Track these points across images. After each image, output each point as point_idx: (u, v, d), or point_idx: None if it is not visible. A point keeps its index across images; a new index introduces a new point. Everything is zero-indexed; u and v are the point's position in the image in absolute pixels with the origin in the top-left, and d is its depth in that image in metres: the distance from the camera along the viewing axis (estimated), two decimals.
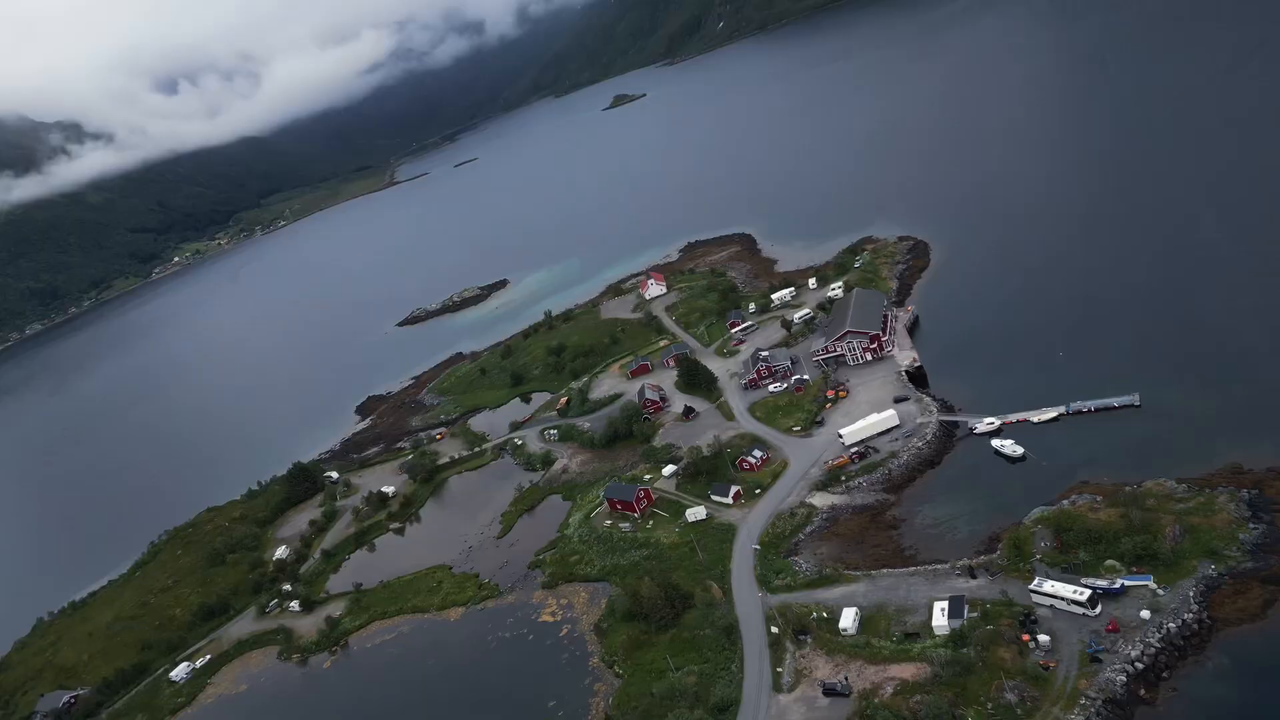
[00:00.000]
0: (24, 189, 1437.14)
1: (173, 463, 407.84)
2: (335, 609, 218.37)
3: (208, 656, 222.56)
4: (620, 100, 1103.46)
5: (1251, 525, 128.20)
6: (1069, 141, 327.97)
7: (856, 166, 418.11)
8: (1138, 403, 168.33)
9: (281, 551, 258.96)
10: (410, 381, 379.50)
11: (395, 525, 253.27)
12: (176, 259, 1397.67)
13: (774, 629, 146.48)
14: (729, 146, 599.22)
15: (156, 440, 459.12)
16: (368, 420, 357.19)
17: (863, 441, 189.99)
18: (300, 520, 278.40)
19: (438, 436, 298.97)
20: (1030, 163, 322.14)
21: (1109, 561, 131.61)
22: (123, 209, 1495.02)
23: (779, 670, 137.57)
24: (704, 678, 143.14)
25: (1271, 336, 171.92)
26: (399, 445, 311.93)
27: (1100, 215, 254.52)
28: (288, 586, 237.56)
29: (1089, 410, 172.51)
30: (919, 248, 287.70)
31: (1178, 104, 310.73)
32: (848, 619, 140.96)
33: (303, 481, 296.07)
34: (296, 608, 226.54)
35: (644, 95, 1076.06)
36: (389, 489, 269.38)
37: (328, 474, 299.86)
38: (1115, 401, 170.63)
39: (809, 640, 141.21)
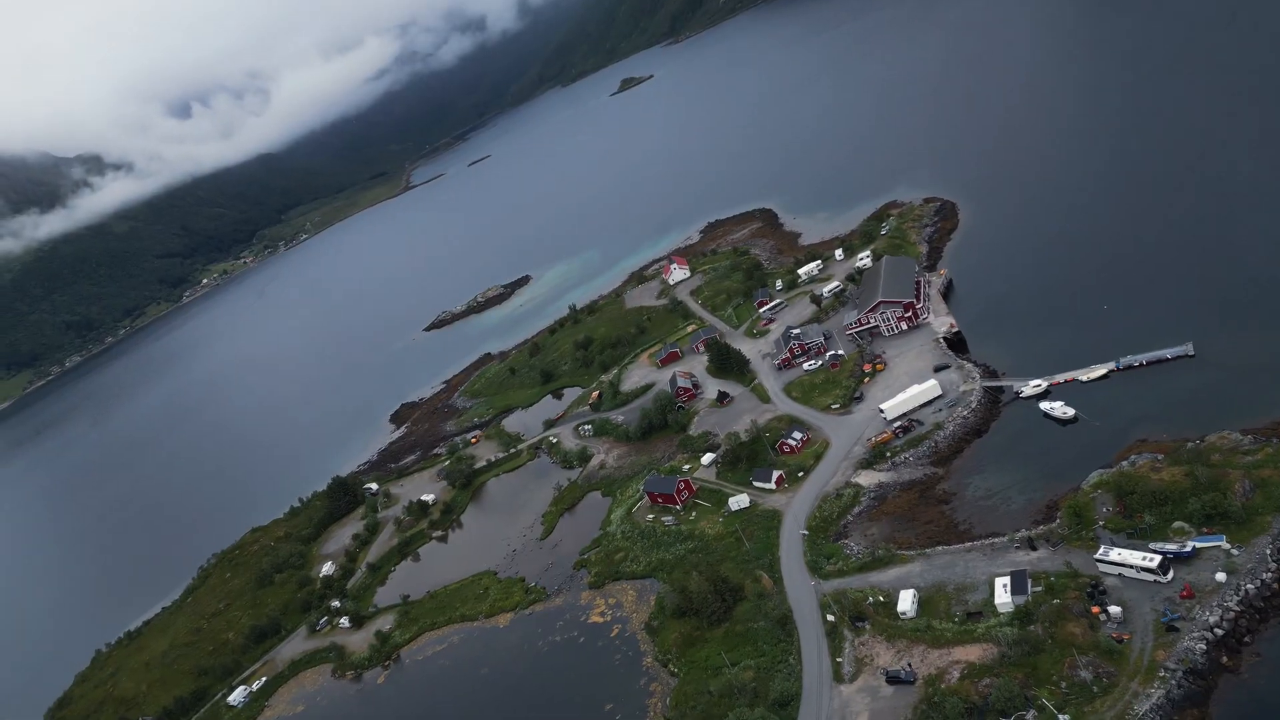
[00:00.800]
0: (51, 224, 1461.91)
1: (214, 485, 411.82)
2: (385, 623, 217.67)
3: (263, 679, 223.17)
4: (628, 84, 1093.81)
5: None
6: (1093, 88, 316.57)
7: (873, 130, 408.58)
8: (1191, 352, 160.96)
9: (328, 568, 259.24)
10: (441, 386, 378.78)
11: (438, 533, 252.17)
12: (205, 280, 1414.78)
13: (830, 617, 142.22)
14: (741, 121, 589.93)
15: (197, 463, 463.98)
16: (402, 428, 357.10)
17: (905, 415, 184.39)
18: (344, 535, 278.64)
19: (473, 440, 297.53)
20: (1054, 113, 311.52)
21: (1177, 523, 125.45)
22: (148, 236, 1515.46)
23: (839, 660, 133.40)
24: (761, 672, 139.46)
25: None
26: (435, 451, 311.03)
27: (1133, 160, 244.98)
28: (336, 603, 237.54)
29: (1140, 364, 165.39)
30: (946, 208, 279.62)
31: (1208, 46, 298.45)
32: (906, 602, 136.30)
33: (343, 495, 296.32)
34: (346, 624, 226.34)
35: (651, 76, 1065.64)
36: (429, 497, 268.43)
37: (367, 486, 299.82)
38: (1168, 353, 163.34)
39: (867, 627, 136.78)
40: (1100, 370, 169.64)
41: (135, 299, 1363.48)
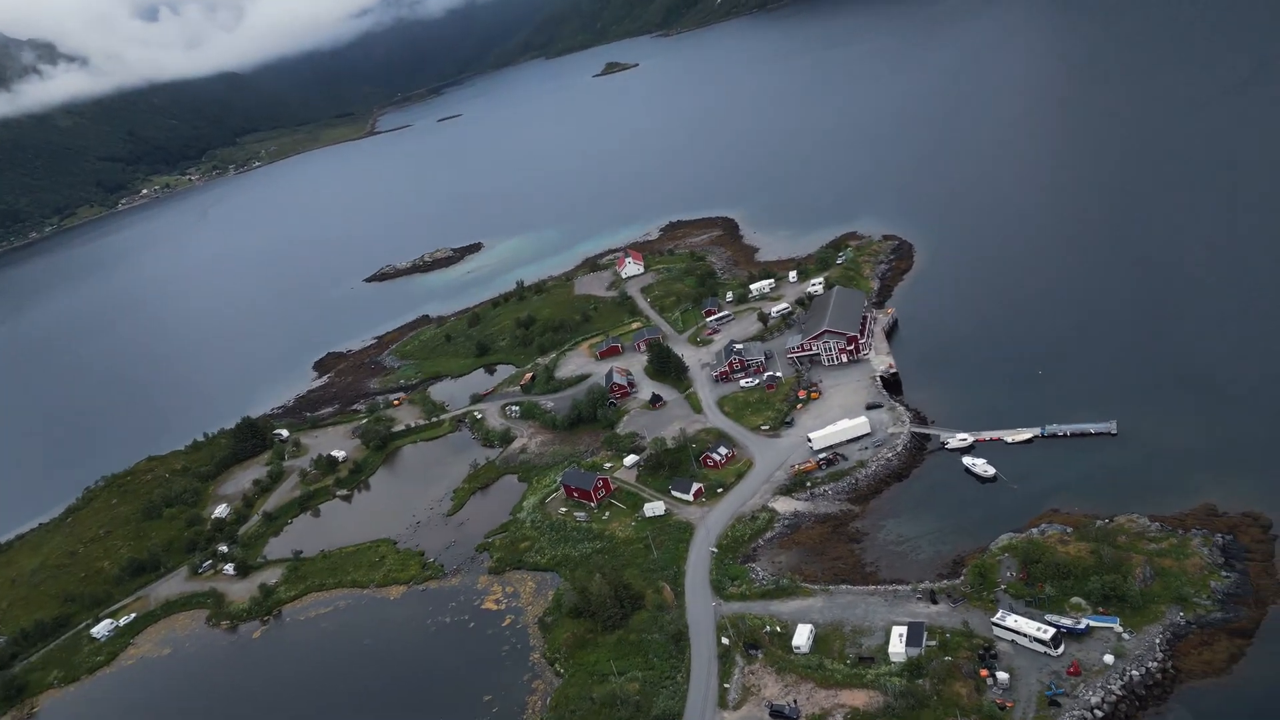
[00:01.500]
0: None
1: (117, 404, 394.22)
2: (271, 576, 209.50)
3: (133, 615, 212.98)
4: (612, 68, 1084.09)
5: (1224, 573, 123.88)
6: (1064, 152, 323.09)
7: (846, 158, 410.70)
8: (1114, 431, 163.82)
9: (221, 510, 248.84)
10: (372, 341, 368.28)
11: (342, 492, 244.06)
12: (145, 191, 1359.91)
13: (725, 640, 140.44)
14: (718, 126, 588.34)
15: (103, 378, 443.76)
16: (325, 378, 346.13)
17: (831, 447, 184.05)
18: (244, 478, 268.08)
19: (395, 402, 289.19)
20: (1023, 171, 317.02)
21: (1075, 599, 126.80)
22: (92, 135, 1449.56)
23: (726, 686, 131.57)
24: (647, 686, 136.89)
25: (1256, 373, 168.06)
26: (354, 407, 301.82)
27: (1090, 231, 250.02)
28: (224, 548, 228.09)
29: (1064, 434, 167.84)
30: (903, 248, 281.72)
31: (1175, 122, 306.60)
32: (802, 636, 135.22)
33: (250, 437, 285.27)
34: (231, 571, 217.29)
35: (636, 65, 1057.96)
36: (339, 453, 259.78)
37: (277, 432, 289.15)
38: (1092, 427, 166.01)
39: (759, 655, 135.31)
40: (1026, 434, 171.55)
41: (68, 198, 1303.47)
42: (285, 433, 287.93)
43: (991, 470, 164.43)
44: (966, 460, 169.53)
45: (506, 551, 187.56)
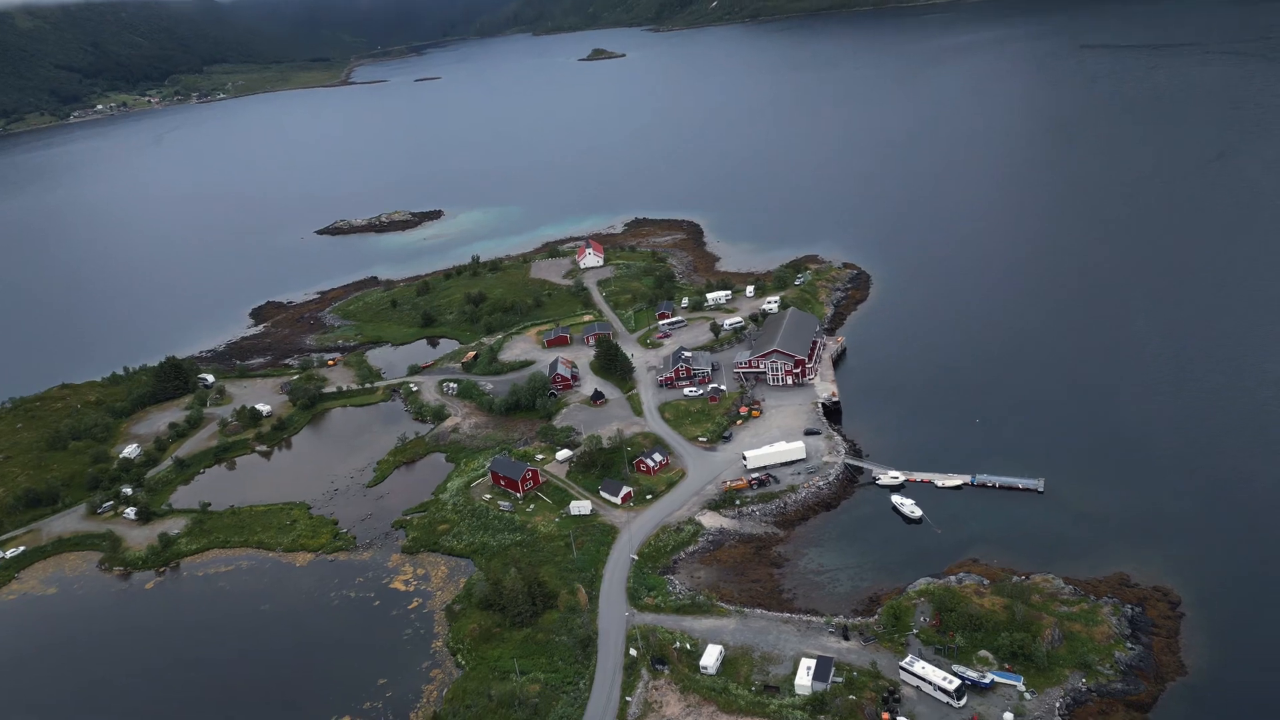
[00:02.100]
0: None
1: (37, 322, 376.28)
2: (174, 526, 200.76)
3: (21, 548, 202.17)
4: (599, 54, 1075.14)
5: (1129, 645, 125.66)
6: (1029, 207, 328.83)
7: (818, 180, 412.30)
8: (1041, 489, 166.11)
9: (131, 450, 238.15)
10: (315, 296, 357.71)
11: (262, 448, 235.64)
12: (100, 107, 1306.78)
13: (633, 651, 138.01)
14: (696, 129, 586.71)
15: (27, 293, 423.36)
16: (261, 327, 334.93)
17: (765, 468, 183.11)
18: (161, 420, 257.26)
19: (329, 362, 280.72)
20: (991, 221, 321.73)
21: (983, 652, 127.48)
22: (53, 42, 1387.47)
23: (628, 699, 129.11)
24: (548, 689, 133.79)
25: (1182, 449, 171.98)
26: (287, 362, 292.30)
27: (1048, 293, 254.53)
28: (128, 490, 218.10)
29: (993, 485, 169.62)
30: (861, 278, 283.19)
31: (1139, 192, 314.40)
32: (711, 657, 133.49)
33: (173, 378, 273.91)
34: (132, 515, 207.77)
35: (624, 55, 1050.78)
36: (265, 407, 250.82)
37: (202, 376, 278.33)
38: (1020, 483, 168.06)
39: (666, 671, 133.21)
40: (956, 480, 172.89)
41: (17, 102, 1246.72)
42: (211, 378, 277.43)
43: (919, 512, 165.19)
44: (895, 498, 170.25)
45: (423, 532, 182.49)
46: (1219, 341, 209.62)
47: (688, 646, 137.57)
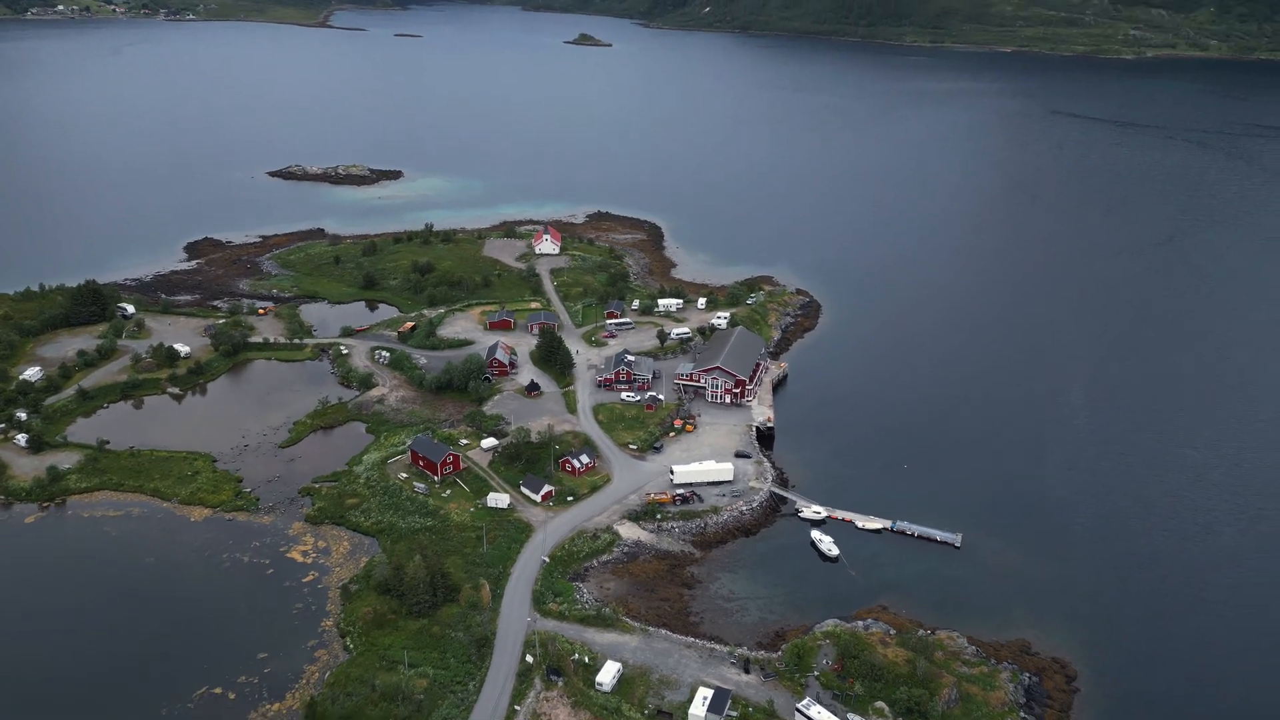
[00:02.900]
0: None
1: None
2: (66, 460, 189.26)
3: None
4: (585, 40, 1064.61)
5: (1022, 715, 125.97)
6: (985, 261, 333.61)
7: (784, 203, 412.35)
8: (958, 544, 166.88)
9: (32, 373, 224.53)
10: (256, 239, 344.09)
11: (175, 390, 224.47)
12: (60, 8, 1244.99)
13: (530, 658, 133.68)
14: (672, 131, 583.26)
15: None
16: (194, 263, 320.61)
17: (691, 485, 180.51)
18: (70, 345, 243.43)
19: (260, 311, 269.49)
20: (944, 267, 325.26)
21: (880, 704, 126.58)
22: None
23: (516, 708, 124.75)
24: (436, 687, 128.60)
25: (1098, 526, 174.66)
26: (215, 303, 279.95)
27: (991, 345, 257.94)
28: (22, 415, 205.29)
29: (913, 534, 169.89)
30: (812, 306, 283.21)
31: (1097, 264, 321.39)
32: (608, 673, 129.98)
33: (91, 303, 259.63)
34: (23, 442, 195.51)
35: (610, 45, 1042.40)
36: (183, 348, 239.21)
37: (122, 305, 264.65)
38: (938, 535, 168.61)
39: (560, 683, 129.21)
40: (877, 523, 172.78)
41: None
42: (131, 309, 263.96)
43: (836, 551, 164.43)
44: (815, 534, 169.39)
45: (331, 503, 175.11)
46: (1146, 420, 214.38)
47: (586, 660, 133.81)
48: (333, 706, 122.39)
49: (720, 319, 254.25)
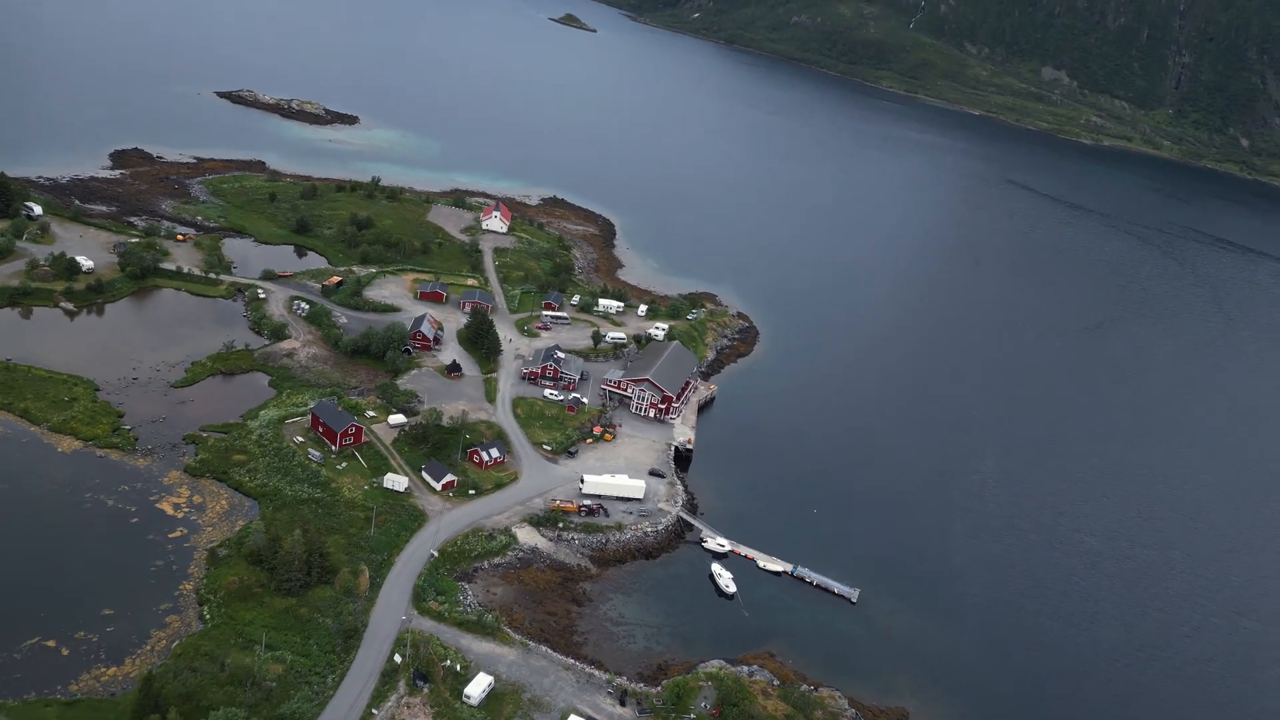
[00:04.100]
0: None
1: None
2: None
3: None
4: (570, 20, 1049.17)
5: None
6: (923, 315, 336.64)
7: (740, 223, 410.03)
8: (855, 599, 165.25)
9: None
10: (190, 160, 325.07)
11: (68, 305, 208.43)
12: None
13: (398, 658, 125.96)
14: (642, 128, 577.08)
15: None
16: (118, 173, 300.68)
17: (600, 497, 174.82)
18: None
19: (179, 236, 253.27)
20: (884, 316, 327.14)
21: None
22: None
23: (374, 712, 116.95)
24: (291, 676, 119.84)
25: (991, 602, 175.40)
26: (132, 219, 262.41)
27: (917, 402, 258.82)
28: None
29: (812, 582, 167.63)
30: (750, 333, 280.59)
31: (1027, 337, 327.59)
32: (479, 686, 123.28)
33: None
34: None
35: (595, 31, 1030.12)
36: (87, 261, 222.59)
37: (29, 204, 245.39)
38: (836, 587, 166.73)
39: (426, 690, 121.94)
40: (778, 566, 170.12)
41: None
42: (38, 210, 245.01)
43: (733, 588, 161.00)
44: (716, 567, 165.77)
45: (216, 456, 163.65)
46: (1050, 500, 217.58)
47: (457, 668, 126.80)
48: (173, 682, 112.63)
49: (658, 330, 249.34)
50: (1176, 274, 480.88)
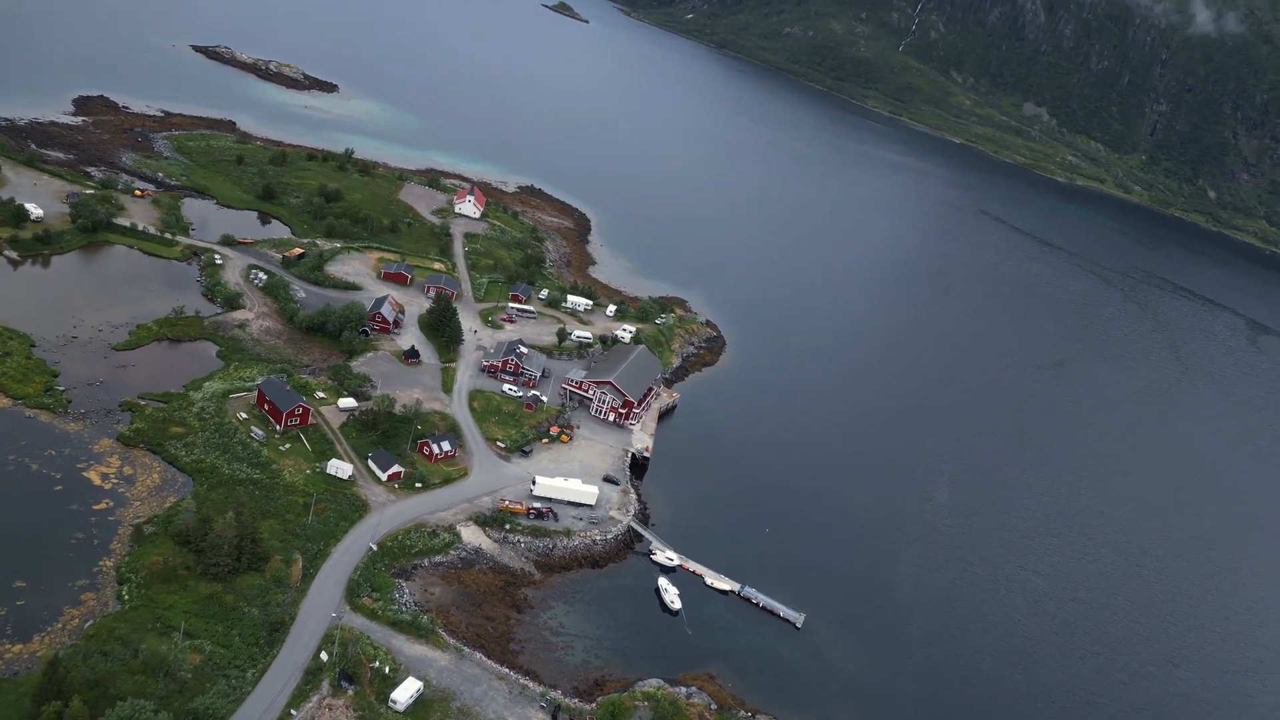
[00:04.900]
0: None
1: None
2: None
3: None
4: (563, 9, 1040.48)
5: None
6: (891, 337, 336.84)
7: (718, 231, 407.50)
8: (800, 625, 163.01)
9: None
10: (158, 113, 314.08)
11: (11, 254, 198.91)
12: None
13: (325, 655, 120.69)
14: (625, 124, 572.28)
15: None
16: (80, 119, 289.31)
17: (550, 500, 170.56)
18: None
19: (138, 192, 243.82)
20: (853, 337, 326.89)
21: None
22: None
23: (293, 712, 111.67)
24: (209, 667, 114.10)
25: (932, 638, 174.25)
26: (89, 170, 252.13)
27: (876, 427, 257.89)
28: None
29: (758, 604, 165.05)
30: (717, 342, 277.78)
31: (991, 370, 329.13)
32: (406, 692, 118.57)
33: None
34: None
35: (587, 22, 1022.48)
36: (36, 210, 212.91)
37: None
38: (783, 611, 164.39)
39: (351, 692, 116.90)
40: (726, 584, 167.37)
41: None
42: None
43: (679, 605, 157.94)
44: (663, 581, 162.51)
45: (152, 426, 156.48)
46: (999, 535, 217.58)
47: (386, 670, 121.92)
48: (81, 665, 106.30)
49: (625, 332, 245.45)
50: (1137, 318, 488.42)
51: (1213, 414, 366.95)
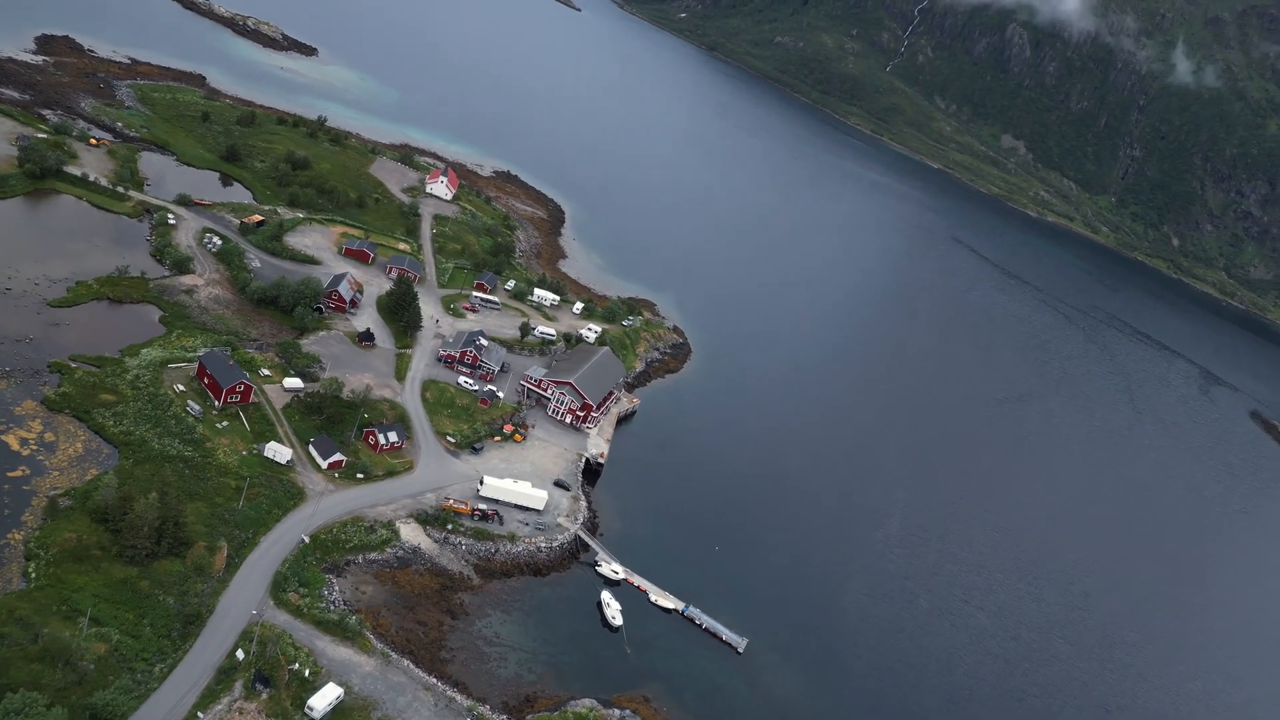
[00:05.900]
0: None
1: None
2: None
3: None
4: None
5: None
6: (857, 361, 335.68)
7: (693, 236, 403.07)
8: (741, 649, 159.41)
9: None
10: (124, 60, 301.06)
11: None
12: None
13: (241, 653, 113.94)
14: (608, 118, 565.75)
15: None
16: (40, 59, 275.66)
17: (497, 502, 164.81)
18: None
19: (93, 140, 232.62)
20: (818, 358, 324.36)
21: None
22: None
23: (199, 715, 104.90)
24: (113, 659, 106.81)
25: (877, 672, 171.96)
26: (44, 113, 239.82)
27: (835, 451, 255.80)
28: None
29: (701, 625, 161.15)
30: (683, 350, 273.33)
31: (954, 400, 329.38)
32: (324, 699, 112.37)
33: None
34: None
35: (580, 10, 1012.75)
36: None
37: None
38: (725, 634, 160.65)
39: (265, 695, 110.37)
40: (670, 603, 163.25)
41: None
42: None
43: (620, 621, 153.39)
44: (605, 595, 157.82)
45: (81, 391, 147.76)
46: (946, 569, 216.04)
47: (306, 673, 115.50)
48: None
49: (590, 331, 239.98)
50: (1096, 359, 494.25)
51: (1163, 459, 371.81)
